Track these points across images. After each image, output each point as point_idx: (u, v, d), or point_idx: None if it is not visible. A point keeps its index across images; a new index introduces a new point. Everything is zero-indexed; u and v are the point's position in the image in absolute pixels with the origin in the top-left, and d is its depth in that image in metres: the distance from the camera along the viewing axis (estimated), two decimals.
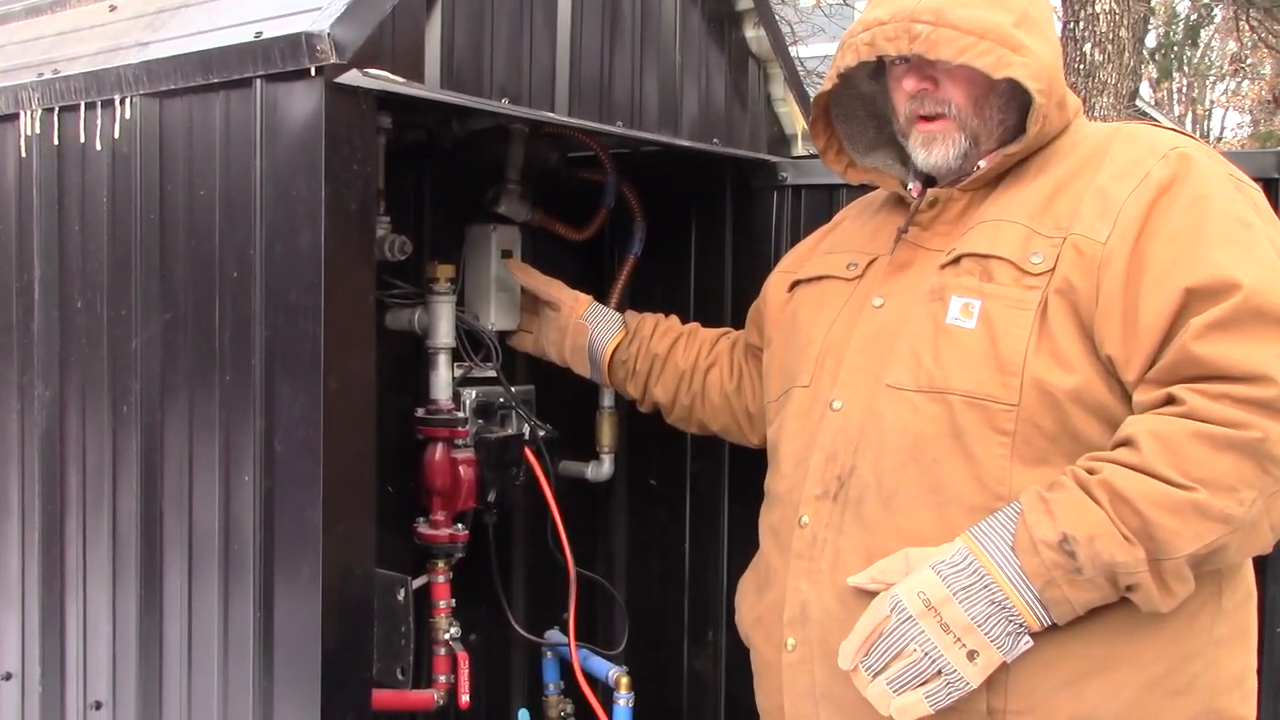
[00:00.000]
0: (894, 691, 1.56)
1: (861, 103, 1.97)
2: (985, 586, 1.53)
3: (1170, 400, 1.52)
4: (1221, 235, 1.56)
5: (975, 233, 1.73)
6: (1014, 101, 1.78)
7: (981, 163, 1.80)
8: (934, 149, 1.80)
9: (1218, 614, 1.64)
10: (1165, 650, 1.60)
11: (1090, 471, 1.53)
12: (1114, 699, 1.58)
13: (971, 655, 1.53)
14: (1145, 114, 15.18)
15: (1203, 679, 1.62)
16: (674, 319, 2.50)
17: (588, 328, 2.46)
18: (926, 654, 1.54)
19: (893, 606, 1.57)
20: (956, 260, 1.72)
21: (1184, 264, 1.55)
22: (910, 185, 1.90)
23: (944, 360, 1.66)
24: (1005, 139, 1.80)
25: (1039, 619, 1.54)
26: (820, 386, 1.83)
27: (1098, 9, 5.45)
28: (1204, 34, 18.31)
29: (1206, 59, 20.23)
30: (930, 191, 1.83)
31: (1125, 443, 1.53)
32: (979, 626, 1.52)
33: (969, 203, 1.80)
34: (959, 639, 1.53)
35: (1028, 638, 1.54)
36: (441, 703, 2.52)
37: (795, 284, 2.04)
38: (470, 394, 2.62)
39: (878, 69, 1.85)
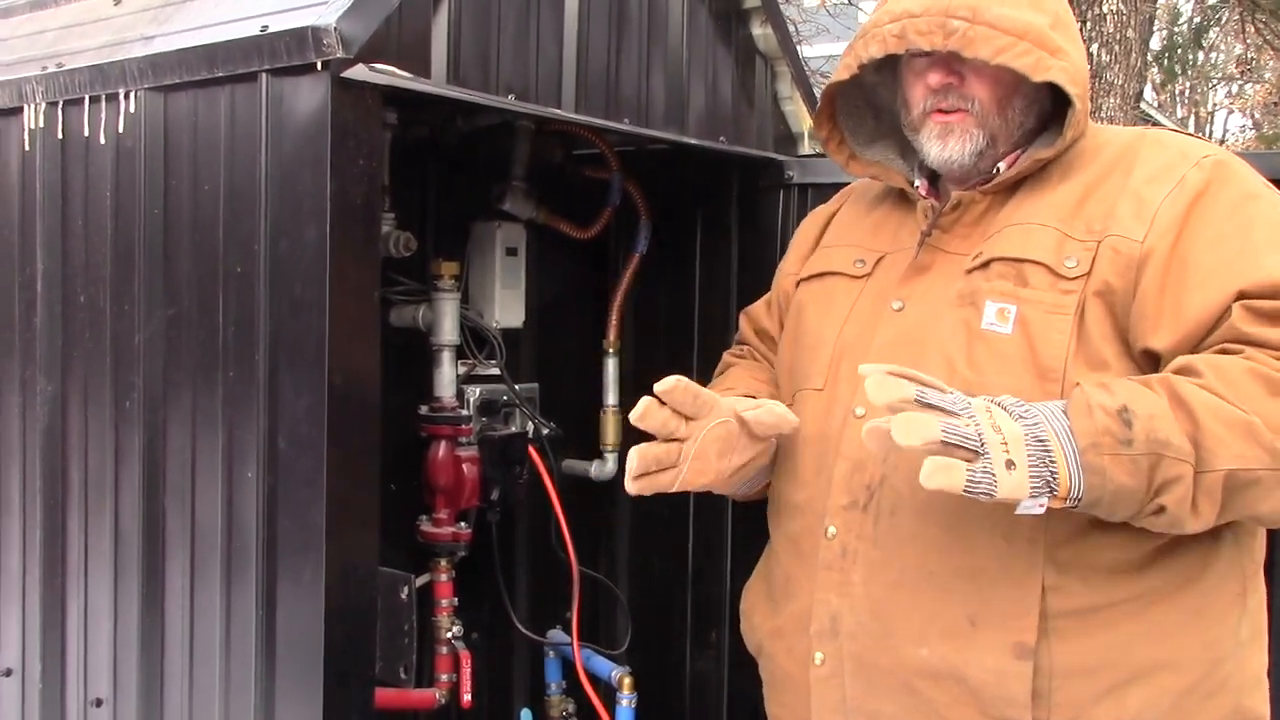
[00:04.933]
0: (944, 434, 1.40)
1: (862, 93, 1.92)
2: (1034, 423, 1.46)
3: (1224, 353, 1.50)
4: (1269, 241, 1.55)
5: (1003, 236, 1.69)
6: (1036, 104, 1.74)
7: (1001, 165, 1.76)
8: (950, 141, 1.73)
9: (1243, 615, 1.63)
10: (1202, 653, 1.59)
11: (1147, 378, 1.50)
12: (1155, 706, 1.57)
13: (1010, 465, 1.43)
14: (1150, 116, 15.17)
15: (1232, 680, 1.61)
16: (767, 388, 2.02)
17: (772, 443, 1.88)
18: (978, 432, 1.42)
19: (952, 390, 1.47)
20: (985, 264, 1.67)
21: (1235, 267, 1.52)
22: (917, 183, 1.86)
23: (980, 366, 1.62)
24: (1022, 142, 1.77)
25: (1070, 481, 1.45)
26: (838, 391, 1.77)
27: (1105, 9, 5.42)
28: (1209, 37, 18.30)
29: (1211, 61, 20.22)
30: (955, 195, 1.77)
31: (1183, 370, 1.49)
32: (1025, 447, 1.43)
33: (989, 205, 1.75)
34: (1006, 444, 1.43)
35: (1045, 501, 1.45)
36: (444, 702, 2.52)
37: (799, 283, 1.98)
38: (474, 392, 2.61)
39: (884, 60, 1.79)
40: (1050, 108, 1.75)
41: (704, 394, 1.72)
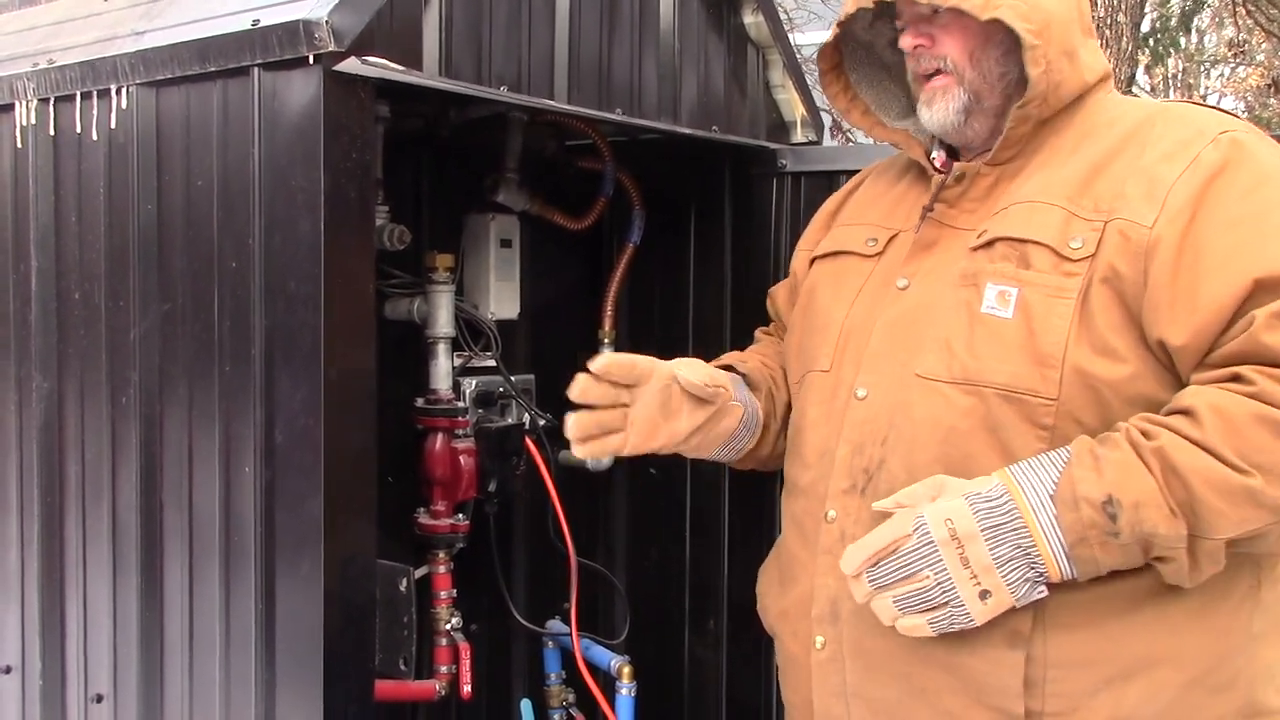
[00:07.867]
0: (899, 610, 1.54)
1: (886, 72, 1.91)
2: (1015, 530, 1.49)
3: (1236, 379, 1.47)
4: None
5: (1010, 214, 1.65)
6: (1014, 54, 1.69)
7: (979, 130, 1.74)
8: (934, 105, 1.73)
9: (1256, 608, 1.60)
10: (1208, 648, 1.56)
11: (1146, 435, 1.48)
12: (1155, 700, 1.55)
13: (984, 594, 1.50)
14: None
15: (1243, 674, 1.59)
16: (759, 358, 2.08)
17: (741, 407, 1.90)
18: (939, 583, 1.50)
19: (915, 527, 1.52)
20: (989, 244, 1.64)
21: (1249, 252, 1.49)
22: (935, 155, 1.82)
23: (978, 351, 1.59)
24: (1013, 95, 1.72)
25: (1062, 572, 1.49)
26: (843, 372, 1.76)
27: None
28: (1198, 20, 18.27)
29: (1201, 45, 20.18)
30: (957, 166, 1.75)
31: (1185, 413, 1.47)
32: (999, 568, 1.49)
33: (998, 178, 1.72)
34: (975, 576, 1.49)
35: (1044, 588, 1.51)
36: (443, 693, 2.52)
37: (813, 261, 1.96)
38: (470, 383, 2.61)
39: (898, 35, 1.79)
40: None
41: (641, 363, 1.79)
